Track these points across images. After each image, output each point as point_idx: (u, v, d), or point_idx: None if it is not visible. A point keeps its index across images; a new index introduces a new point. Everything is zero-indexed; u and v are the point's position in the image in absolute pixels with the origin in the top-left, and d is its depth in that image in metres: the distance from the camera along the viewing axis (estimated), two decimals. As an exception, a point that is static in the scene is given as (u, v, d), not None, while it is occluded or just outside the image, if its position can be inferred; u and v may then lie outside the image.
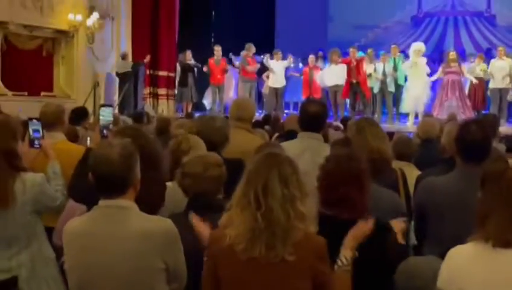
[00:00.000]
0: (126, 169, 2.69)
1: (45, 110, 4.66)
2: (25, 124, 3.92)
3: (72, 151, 4.25)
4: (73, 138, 5.19)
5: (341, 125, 9.44)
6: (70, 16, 13.96)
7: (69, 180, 3.66)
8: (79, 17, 14.11)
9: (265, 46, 16.82)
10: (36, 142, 3.88)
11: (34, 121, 3.93)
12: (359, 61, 14.18)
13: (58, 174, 3.69)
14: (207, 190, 3.14)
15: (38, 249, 3.43)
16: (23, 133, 3.69)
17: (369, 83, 14.32)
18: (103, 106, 4.09)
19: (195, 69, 16.02)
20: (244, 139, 4.57)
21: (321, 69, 15.50)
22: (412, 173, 4.57)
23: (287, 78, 15.80)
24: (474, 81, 13.95)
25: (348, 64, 14.22)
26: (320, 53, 16.71)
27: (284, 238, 2.42)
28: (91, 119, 8.00)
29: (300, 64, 16.54)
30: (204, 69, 15.76)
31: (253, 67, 15.62)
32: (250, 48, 15.47)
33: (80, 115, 6.83)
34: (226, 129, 4.37)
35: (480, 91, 14.26)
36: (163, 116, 9.12)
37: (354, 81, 14.12)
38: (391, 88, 14.14)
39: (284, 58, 15.69)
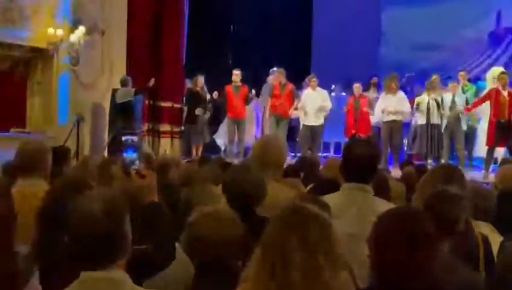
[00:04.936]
0: (113, 230, 2.65)
1: (22, 149, 4.64)
2: None
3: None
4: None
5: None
6: (50, 31, 14.12)
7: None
8: (60, 32, 14.27)
9: (298, 70, 16.89)
10: None
11: None
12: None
13: None
14: (219, 254, 3.11)
15: None
16: None
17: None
18: None
19: (210, 101, 15.93)
20: (270, 190, 4.51)
21: (370, 100, 15.36)
22: (493, 236, 4.49)
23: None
24: None
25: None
26: (375, 79, 16.61)
27: None
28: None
29: (343, 94, 16.52)
30: (215, 95, 15.63)
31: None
32: (281, 74, 15.32)
33: (60, 156, 6.83)
34: (263, 181, 4.34)
35: None
36: (161, 160, 9.15)
37: (503, 120, 12.89)
38: (464, 126, 14.03)
39: (324, 85, 15.58)
